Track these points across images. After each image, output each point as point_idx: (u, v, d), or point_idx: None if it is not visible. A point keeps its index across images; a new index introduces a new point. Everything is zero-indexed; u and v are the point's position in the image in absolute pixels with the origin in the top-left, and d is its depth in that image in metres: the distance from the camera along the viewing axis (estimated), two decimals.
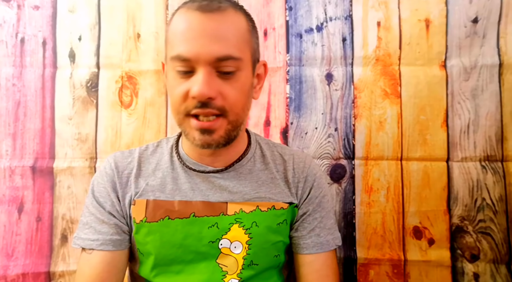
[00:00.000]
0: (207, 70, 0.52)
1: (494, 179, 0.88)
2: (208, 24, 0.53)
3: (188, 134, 0.56)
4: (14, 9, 0.94)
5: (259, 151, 0.66)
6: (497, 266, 0.87)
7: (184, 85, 0.53)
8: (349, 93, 0.92)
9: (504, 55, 0.88)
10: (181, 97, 0.54)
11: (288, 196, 0.62)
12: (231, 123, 0.56)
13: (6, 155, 0.92)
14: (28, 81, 0.93)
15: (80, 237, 0.59)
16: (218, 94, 0.53)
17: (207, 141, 0.55)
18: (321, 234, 0.62)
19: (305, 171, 0.65)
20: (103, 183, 0.62)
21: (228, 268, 0.59)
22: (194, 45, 0.52)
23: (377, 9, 0.92)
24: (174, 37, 0.55)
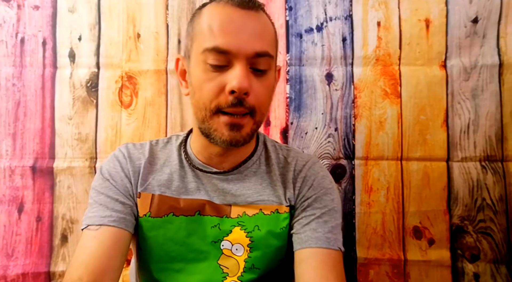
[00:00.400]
0: (244, 65, 0.52)
1: (494, 179, 0.88)
2: (249, 21, 0.53)
3: (215, 130, 0.54)
4: (14, 9, 0.94)
5: (265, 153, 0.65)
6: (497, 266, 0.87)
7: (218, 79, 0.52)
8: (349, 93, 0.92)
9: (504, 55, 0.88)
10: (214, 93, 0.52)
11: (287, 197, 0.61)
12: (256, 123, 0.56)
13: (6, 155, 0.92)
14: (28, 81, 0.93)
15: (88, 216, 0.56)
16: (252, 91, 0.53)
17: (235, 137, 0.54)
18: (318, 229, 0.58)
19: (304, 171, 0.63)
20: (116, 168, 0.60)
21: (229, 269, 0.58)
22: (235, 38, 0.52)
23: (377, 9, 0.92)
24: (209, 30, 0.53)
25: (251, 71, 0.53)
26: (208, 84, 0.53)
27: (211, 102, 0.53)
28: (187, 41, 0.58)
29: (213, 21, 0.53)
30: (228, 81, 0.51)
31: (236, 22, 0.53)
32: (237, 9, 0.53)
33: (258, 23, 0.54)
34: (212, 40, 0.52)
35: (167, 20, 0.94)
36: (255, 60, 0.53)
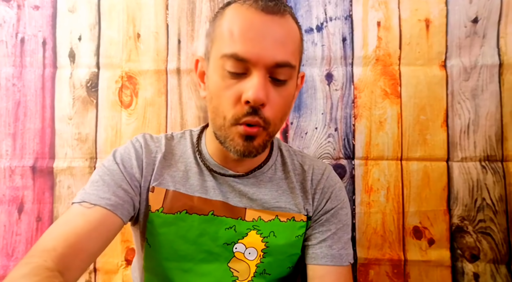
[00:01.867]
0: (263, 74, 0.50)
1: (494, 179, 0.88)
2: (271, 27, 0.50)
3: (231, 140, 0.53)
4: (14, 9, 0.94)
5: (280, 158, 0.65)
6: (497, 266, 0.87)
7: (235, 87, 0.50)
8: (349, 93, 0.92)
9: (504, 55, 0.88)
10: (231, 101, 0.51)
11: (305, 208, 0.61)
12: (269, 134, 0.54)
13: (6, 155, 0.92)
14: (28, 81, 0.93)
15: (86, 192, 0.53)
16: (269, 103, 0.51)
17: (248, 148, 0.52)
18: (333, 246, 0.59)
19: (322, 182, 0.63)
20: (130, 155, 0.58)
21: (239, 273, 0.57)
22: (255, 46, 0.49)
23: (377, 9, 0.92)
24: (229, 35, 0.51)
25: (270, 81, 0.51)
26: (226, 93, 0.51)
27: (229, 112, 0.51)
28: (208, 42, 0.56)
29: (234, 25, 0.51)
30: (245, 90, 0.49)
31: (257, 28, 0.50)
32: (261, 14, 0.50)
33: (281, 30, 0.51)
34: (231, 46, 0.50)
35: (167, 20, 0.94)
36: (275, 70, 0.51)
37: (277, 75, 0.51)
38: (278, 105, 0.53)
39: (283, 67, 0.51)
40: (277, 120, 0.54)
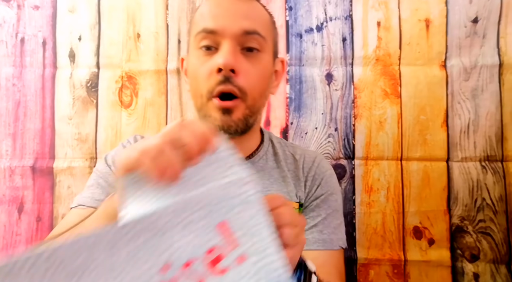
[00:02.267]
0: (232, 44, 0.53)
1: (494, 179, 0.88)
2: (237, 4, 0.55)
3: (210, 116, 0.55)
4: (14, 9, 0.94)
5: (272, 149, 0.66)
6: (497, 266, 0.87)
7: (208, 63, 0.54)
8: (349, 93, 0.92)
9: (504, 55, 0.88)
10: (205, 76, 0.54)
11: (298, 195, 0.62)
12: (248, 108, 0.55)
13: (6, 155, 0.92)
14: (28, 81, 0.93)
15: (82, 195, 0.55)
16: (240, 69, 0.53)
17: (227, 122, 0.54)
18: (324, 231, 0.61)
19: (313, 169, 0.64)
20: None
21: None
22: (221, 19, 0.53)
23: (377, 9, 0.92)
24: (200, 17, 0.56)
25: (242, 52, 0.54)
26: (201, 69, 0.54)
27: (204, 86, 0.54)
28: (188, 38, 0.60)
29: (204, 9, 0.56)
30: (216, 60, 0.52)
31: (223, 5, 0.55)
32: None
33: (246, 5, 0.55)
34: (202, 24, 0.54)
35: (167, 20, 0.94)
36: (244, 39, 0.54)
37: (247, 44, 0.54)
38: (252, 74, 0.54)
39: (252, 34, 0.54)
40: (254, 92, 0.55)
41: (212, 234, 0.33)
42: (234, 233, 0.34)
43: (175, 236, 0.32)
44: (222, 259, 0.33)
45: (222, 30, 0.53)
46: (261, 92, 0.58)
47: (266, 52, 0.57)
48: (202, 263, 0.32)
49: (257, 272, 0.33)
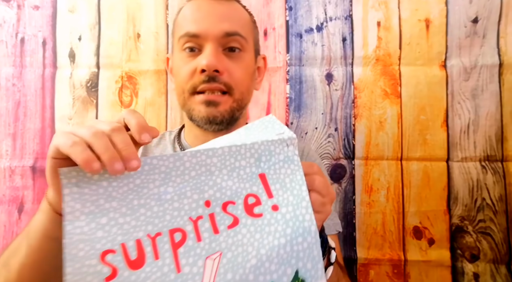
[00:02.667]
0: (214, 46, 0.55)
1: (494, 179, 0.88)
2: (216, 7, 0.57)
3: (193, 110, 0.57)
4: (14, 9, 0.94)
5: None
6: (497, 266, 0.87)
7: (191, 63, 0.56)
8: (349, 93, 0.92)
9: (504, 55, 0.88)
10: (188, 75, 0.56)
11: None
12: (236, 101, 0.57)
13: (6, 155, 0.92)
14: (28, 81, 0.93)
15: None
16: (224, 69, 0.55)
17: (212, 113, 0.56)
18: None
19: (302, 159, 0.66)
20: None
21: None
22: (203, 23, 0.55)
23: (377, 9, 0.92)
24: (183, 20, 0.58)
25: (224, 52, 0.56)
26: (184, 68, 0.56)
27: (187, 83, 0.56)
28: (172, 39, 0.62)
29: (186, 12, 0.59)
30: (199, 62, 0.55)
31: (204, 9, 0.57)
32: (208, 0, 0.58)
33: (226, 8, 0.58)
34: (184, 28, 0.57)
35: (167, 20, 0.94)
36: (226, 40, 0.56)
37: (229, 44, 0.57)
38: (235, 72, 0.57)
39: (233, 36, 0.56)
40: (241, 87, 0.58)
41: (253, 182, 0.38)
42: (271, 185, 0.38)
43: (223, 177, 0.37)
44: (258, 205, 0.37)
45: (205, 33, 0.55)
46: (247, 87, 0.60)
47: (248, 51, 0.60)
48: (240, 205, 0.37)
49: (287, 221, 0.36)
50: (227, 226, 0.36)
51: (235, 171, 0.38)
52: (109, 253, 0.32)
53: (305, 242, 0.36)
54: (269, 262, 0.35)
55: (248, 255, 0.35)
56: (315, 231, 0.36)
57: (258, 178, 0.38)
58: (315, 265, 0.36)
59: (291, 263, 0.35)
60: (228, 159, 0.38)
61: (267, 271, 0.34)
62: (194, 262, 0.34)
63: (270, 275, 0.34)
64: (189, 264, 0.34)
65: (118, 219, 0.34)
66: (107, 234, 0.33)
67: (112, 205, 0.34)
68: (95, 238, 0.33)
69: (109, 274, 0.32)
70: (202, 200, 0.36)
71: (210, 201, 0.37)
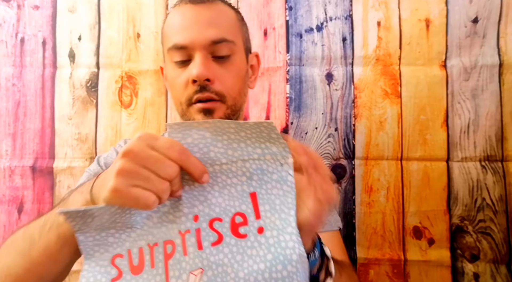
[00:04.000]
0: (203, 54, 0.55)
1: (494, 179, 0.88)
2: (200, 13, 0.56)
3: (193, 119, 0.57)
4: (14, 9, 0.94)
5: None
6: (497, 266, 0.87)
7: (183, 74, 0.56)
8: (349, 93, 0.92)
9: (504, 55, 0.88)
10: (182, 86, 0.56)
11: None
12: (230, 108, 0.58)
13: (6, 155, 0.92)
14: (28, 81, 0.93)
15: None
16: (215, 77, 0.55)
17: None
18: None
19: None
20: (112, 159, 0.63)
21: None
22: (189, 32, 0.55)
23: (377, 9, 0.92)
24: (169, 31, 0.58)
25: (213, 60, 0.56)
26: (177, 81, 0.57)
27: (182, 95, 0.56)
28: (162, 47, 0.62)
29: (171, 22, 0.59)
30: (190, 72, 0.55)
31: (188, 17, 0.56)
32: (189, 6, 0.57)
33: (210, 13, 0.57)
34: (172, 39, 0.56)
35: None
36: (214, 48, 0.56)
37: (218, 52, 0.56)
38: (227, 79, 0.57)
39: (220, 43, 0.56)
40: (233, 93, 0.58)
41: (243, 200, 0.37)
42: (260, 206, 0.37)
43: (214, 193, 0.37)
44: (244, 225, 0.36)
45: (191, 43, 0.55)
46: (240, 91, 0.60)
47: (238, 54, 0.59)
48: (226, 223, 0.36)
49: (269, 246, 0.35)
50: (211, 243, 0.36)
51: (227, 188, 0.37)
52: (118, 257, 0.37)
53: (285, 270, 0.34)
54: None
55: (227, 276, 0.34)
56: (296, 260, 0.34)
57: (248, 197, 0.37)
58: None
59: None
60: (220, 176, 0.37)
61: None
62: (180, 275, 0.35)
63: None
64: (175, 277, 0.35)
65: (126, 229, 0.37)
66: (118, 240, 0.37)
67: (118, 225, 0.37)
68: (108, 242, 0.37)
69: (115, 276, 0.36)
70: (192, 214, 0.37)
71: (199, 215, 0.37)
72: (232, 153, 0.37)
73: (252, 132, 0.36)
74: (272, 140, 0.36)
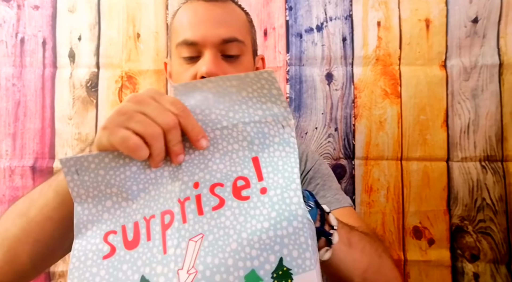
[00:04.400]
0: (213, 52, 0.55)
1: (494, 179, 0.88)
2: (212, 11, 0.56)
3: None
4: (14, 9, 0.94)
5: None
6: (497, 266, 0.87)
7: (191, 70, 0.56)
8: (349, 93, 0.92)
9: (504, 55, 0.88)
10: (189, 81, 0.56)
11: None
12: None
13: (6, 155, 0.92)
14: (28, 81, 0.93)
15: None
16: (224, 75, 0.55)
17: None
18: (327, 195, 0.61)
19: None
20: None
21: None
22: (201, 29, 0.55)
23: (377, 9, 0.92)
24: (180, 26, 0.58)
25: (223, 58, 0.56)
26: (183, 76, 0.56)
27: None
28: (168, 43, 0.63)
29: (183, 18, 0.58)
30: (199, 68, 0.54)
31: (201, 14, 0.56)
32: (202, 3, 0.57)
33: (222, 12, 0.57)
34: (182, 35, 0.56)
35: (167, 20, 0.94)
36: (224, 47, 0.56)
37: (228, 51, 0.56)
38: None
39: (231, 42, 0.56)
40: None
41: (245, 165, 0.37)
42: (263, 168, 0.37)
43: (215, 160, 0.37)
44: (247, 188, 0.36)
45: (202, 40, 0.55)
46: None
47: (247, 55, 0.60)
48: (228, 188, 0.36)
49: (273, 204, 0.35)
50: (212, 207, 0.35)
51: (228, 154, 0.37)
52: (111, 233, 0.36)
53: (290, 226, 0.33)
54: (249, 247, 0.32)
55: (229, 238, 0.33)
56: (302, 215, 0.33)
57: (250, 161, 0.37)
58: (302, 253, 0.32)
59: (274, 249, 0.32)
60: (221, 143, 0.37)
61: (247, 256, 0.32)
62: (178, 244, 0.33)
63: (251, 262, 0.32)
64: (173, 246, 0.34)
65: (121, 203, 0.37)
66: (112, 216, 0.36)
67: (113, 190, 0.36)
68: (102, 219, 0.36)
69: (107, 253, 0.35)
70: (192, 181, 0.36)
71: (199, 182, 0.36)
72: (233, 115, 0.37)
73: (253, 89, 0.36)
74: (273, 98, 0.36)
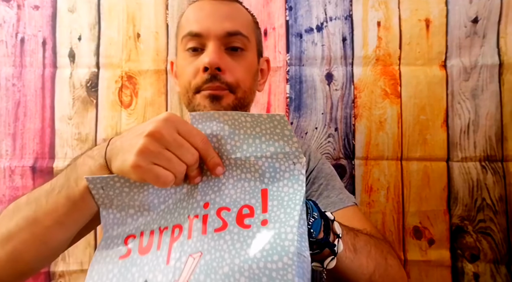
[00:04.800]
0: (216, 44, 0.56)
1: (494, 179, 0.88)
2: (218, 7, 0.58)
3: (198, 105, 0.57)
4: (14, 9, 0.94)
5: None
6: (497, 266, 0.87)
7: (195, 62, 0.57)
8: (349, 93, 0.92)
9: (504, 55, 0.88)
10: (191, 75, 0.57)
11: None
12: (238, 99, 0.58)
13: (6, 155, 0.92)
14: (28, 81, 0.93)
15: None
16: (226, 68, 0.56)
17: (216, 108, 0.56)
18: (330, 195, 0.61)
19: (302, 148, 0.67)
20: None
21: None
22: (205, 22, 0.57)
23: (377, 9, 0.92)
24: (186, 21, 0.60)
25: (226, 51, 0.57)
26: (187, 68, 0.57)
27: (190, 83, 0.57)
28: (175, 41, 0.64)
29: (189, 14, 0.60)
30: (202, 60, 0.55)
31: (207, 9, 0.58)
32: (209, 1, 0.59)
33: (228, 8, 0.59)
34: (187, 28, 0.58)
35: (167, 20, 0.94)
36: (228, 40, 0.57)
37: (232, 44, 0.57)
38: (238, 71, 0.57)
39: (235, 35, 0.57)
40: (243, 86, 0.58)
41: (254, 195, 0.39)
42: (269, 201, 0.38)
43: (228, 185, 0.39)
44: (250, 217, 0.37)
45: (207, 32, 0.56)
46: (250, 86, 0.61)
47: (250, 51, 0.60)
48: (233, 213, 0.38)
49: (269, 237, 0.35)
50: (215, 229, 0.37)
51: (240, 182, 0.39)
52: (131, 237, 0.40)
53: (280, 261, 0.33)
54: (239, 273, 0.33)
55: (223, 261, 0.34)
56: (293, 252, 0.33)
57: (259, 192, 0.39)
58: None
59: (261, 281, 0.33)
60: (235, 170, 0.40)
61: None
62: (180, 257, 0.36)
63: None
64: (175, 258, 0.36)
65: (143, 212, 0.40)
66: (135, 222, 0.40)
67: (136, 203, 0.40)
68: (126, 223, 0.40)
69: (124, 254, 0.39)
70: (203, 201, 0.39)
71: (209, 203, 0.38)
72: (247, 148, 0.39)
73: (266, 127, 0.38)
74: (285, 138, 0.38)
